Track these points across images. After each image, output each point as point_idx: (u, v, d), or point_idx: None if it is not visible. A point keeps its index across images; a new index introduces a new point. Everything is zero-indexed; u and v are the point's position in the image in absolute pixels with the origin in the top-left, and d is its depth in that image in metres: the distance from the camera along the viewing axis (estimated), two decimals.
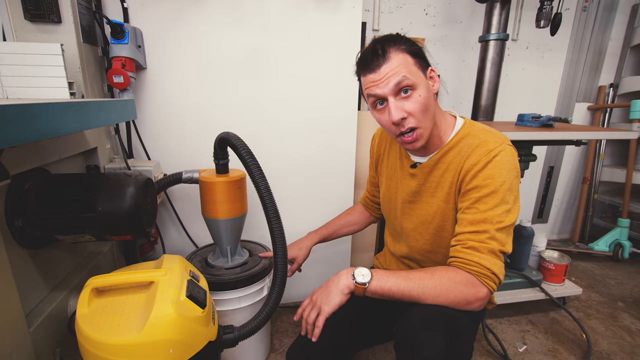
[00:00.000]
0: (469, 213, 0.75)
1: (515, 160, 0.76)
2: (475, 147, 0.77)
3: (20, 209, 0.71)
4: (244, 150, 0.91)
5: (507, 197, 0.72)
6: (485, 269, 0.70)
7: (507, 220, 0.72)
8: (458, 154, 0.80)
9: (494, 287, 0.72)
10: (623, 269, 2.08)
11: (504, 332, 1.49)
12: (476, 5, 1.82)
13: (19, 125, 0.47)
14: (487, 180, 0.73)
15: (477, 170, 0.74)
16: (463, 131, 0.82)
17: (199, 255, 1.24)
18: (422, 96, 0.74)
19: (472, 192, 0.75)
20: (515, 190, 0.75)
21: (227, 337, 0.82)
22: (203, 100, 1.30)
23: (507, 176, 0.73)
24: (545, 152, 2.25)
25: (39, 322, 0.73)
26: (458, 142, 0.81)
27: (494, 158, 0.74)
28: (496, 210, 0.72)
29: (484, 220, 0.72)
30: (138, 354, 0.61)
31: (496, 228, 0.71)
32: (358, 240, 1.69)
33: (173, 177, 1.19)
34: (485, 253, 0.71)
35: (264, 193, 0.93)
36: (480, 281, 0.70)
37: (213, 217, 1.08)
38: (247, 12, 1.25)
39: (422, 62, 0.77)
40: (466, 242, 0.73)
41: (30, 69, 0.79)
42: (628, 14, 2.13)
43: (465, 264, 0.72)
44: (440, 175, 0.83)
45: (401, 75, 0.72)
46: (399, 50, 0.73)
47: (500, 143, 0.75)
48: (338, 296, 0.75)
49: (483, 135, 0.78)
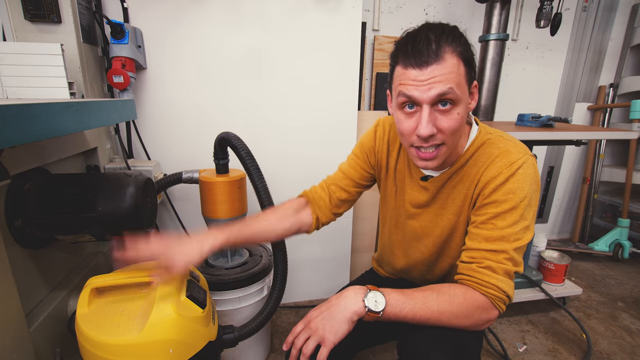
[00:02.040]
0: (485, 229, 0.68)
1: (537, 172, 0.70)
2: (495, 158, 0.70)
3: (20, 209, 0.70)
4: (243, 150, 0.91)
5: (526, 214, 0.67)
6: (501, 292, 0.66)
7: (524, 238, 0.67)
8: (475, 164, 0.72)
9: (504, 308, 0.68)
10: (623, 269, 2.08)
11: (504, 332, 1.49)
12: (476, 5, 1.81)
13: (18, 125, 0.47)
14: (508, 195, 0.67)
15: (498, 184, 0.68)
16: (479, 139, 0.73)
17: None
18: (460, 115, 0.64)
19: (490, 207, 0.68)
20: (534, 205, 0.69)
21: (227, 337, 0.82)
22: (203, 100, 1.30)
23: (528, 191, 0.66)
24: (545, 152, 2.25)
25: (39, 322, 0.73)
26: (474, 152, 0.73)
27: (517, 171, 0.67)
28: (514, 228, 0.66)
29: (502, 238, 0.66)
30: (138, 354, 0.61)
31: (514, 247, 0.66)
32: (358, 240, 1.69)
33: (173, 177, 1.19)
34: (501, 274, 0.66)
35: (262, 194, 0.93)
36: (494, 304, 0.66)
37: (213, 217, 1.08)
38: (247, 12, 1.25)
39: (471, 73, 0.66)
40: (482, 262, 0.67)
41: (30, 69, 0.79)
42: (628, 14, 2.13)
43: (482, 285, 0.66)
44: (453, 187, 0.76)
45: (449, 85, 0.61)
46: (455, 53, 0.62)
47: (523, 154, 0.68)
48: (345, 325, 0.63)
49: (503, 145, 0.71)
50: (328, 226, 0.92)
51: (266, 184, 0.94)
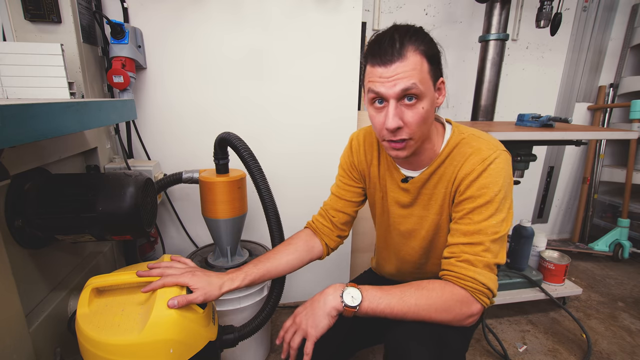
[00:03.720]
0: (463, 224, 0.71)
1: (510, 166, 0.72)
2: (468, 156, 0.73)
3: (20, 209, 0.70)
4: (245, 151, 0.91)
5: (501, 206, 0.69)
6: (480, 285, 0.67)
7: (502, 230, 0.69)
8: (450, 164, 0.76)
9: (488, 302, 0.69)
10: (623, 269, 2.08)
11: (504, 332, 1.49)
12: (476, 5, 1.81)
13: (18, 125, 0.47)
14: (481, 189, 0.70)
15: (471, 180, 0.71)
16: (453, 140, 0.77)
17: (199, 255, 1.24)
18: (425, 109, 0.68)
19: (466, 203, 0.71)
20: (509, 197, 0.71)
21: (227, 337, 0.82)
22: (203, 100, 1.30)
23: (502, 184, 0.69)
24: (545, 152, 2.25)
25: (39, 322, 0.73)
26: (449, 152, 0.76)
27: (488, 166, 0.70)
28: (491, 221, 0.69)
29: (479, 232, 0.69)
30: (138, 354, 0.61)
31: (491, 239, 0.68)
32: (358, 240, 1.69)
33: (173, 177, 1.19)
34: (480, 267, 0.68)
35: (265, 193, 0.93)
36: (475, 297, 0.67)
37: (213, 217, 1.08)
38: (248, 12, 1.25)
39: (435, 70, 0.69)
40: (460, 255, 0.69)
41: (30, 69, 0.79)
42: (628, 14, 2.13)
43: (460, 278, 0.68)
44: (433, 187, 0.79)
45: (412, 81, 0.65)
46: (418, 51, 0.65)
47: (494, 150, 0.72)
48: (325, 319, 0.68)
49: (476, 143, 0.74)
50: None
51: (268, 184, 0.94)
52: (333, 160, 1.51)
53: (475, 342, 1.42)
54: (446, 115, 2.18)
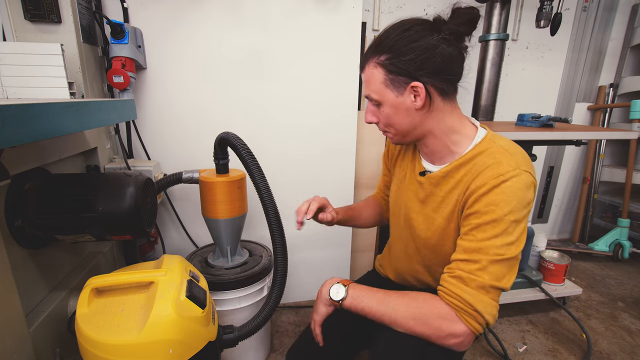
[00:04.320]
0: (466, 240, 0.67)
1: (530, 190, 0.66)
2: (486, 167, 0.68)
3: (20, 209, 0.71)
4: (244, 150, 0.91)
5: (511, 229, 0.64)
6: (466, 305, 0.62)
7: (508, 253, 0.63)
8: (469, 171, 0.72)
9: (477, 327, 0.63)
10: (623, 269, 2.08)
11: (504, 332, 1.49)
12: (476, 6, 1.81)
13: (18, 125, 0.47)
14: (489, 206, 0.65)
15: (481, 194, 0.66)
16: (482, 145, 0.73)
17: (199, 255, 1.24)
18: (386, 113, 0.75)
19: (472, 218, 0.67)
20: (523, 222, 0.65)
21: (227, 337, 0.82)
22: (203, 100, 1.30)
23: (515, 206, 0.64)
24: (545, 152, 2.25)
25: (39, 322, 0.73)
26: (473, 157, 0.73)
27: (502, 183, 0.65)
28: (495, 242, 0.63)
29: (478, 250, 0.64)
30: (138, 354, 0.61)
31: (491, 259, 0.63)
32: (358, 240, 1.69)
33: (173, 177, 1.19)
34: (472, 287, 0.63)
35: (264, 193, 0.93)
36: (459, 316, 0.63)
37: (213, 217, 1.08)
38: (247, 12, 1.25)
39: (399, 80, 0.70)
40: (454, 271, 0.66)
41: (30, 69, 0.79)
42: (628, 14, 2.13)
43: (446, 294, 0.65)
44: (448, 191, 0.76)
45: (367, 91, 0.76)
46: (376, 64, 0.73)
47: (515, 167, 0.66)
48: (323, 307, 0.79)
49: (500, 156, 0.69)
50: (328, 226, 1.02)
51: (268, 184, 0.94)
52: (333, 160, 1.51)
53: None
54: None
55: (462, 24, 0.72)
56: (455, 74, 0.74)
